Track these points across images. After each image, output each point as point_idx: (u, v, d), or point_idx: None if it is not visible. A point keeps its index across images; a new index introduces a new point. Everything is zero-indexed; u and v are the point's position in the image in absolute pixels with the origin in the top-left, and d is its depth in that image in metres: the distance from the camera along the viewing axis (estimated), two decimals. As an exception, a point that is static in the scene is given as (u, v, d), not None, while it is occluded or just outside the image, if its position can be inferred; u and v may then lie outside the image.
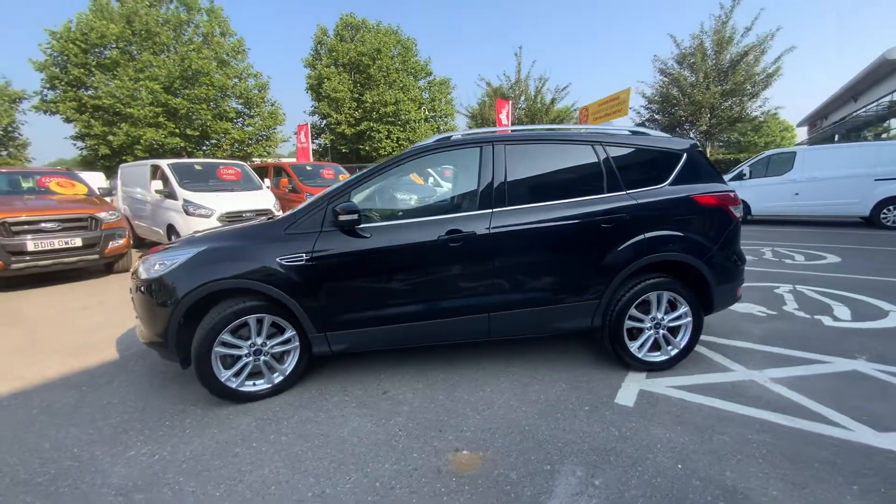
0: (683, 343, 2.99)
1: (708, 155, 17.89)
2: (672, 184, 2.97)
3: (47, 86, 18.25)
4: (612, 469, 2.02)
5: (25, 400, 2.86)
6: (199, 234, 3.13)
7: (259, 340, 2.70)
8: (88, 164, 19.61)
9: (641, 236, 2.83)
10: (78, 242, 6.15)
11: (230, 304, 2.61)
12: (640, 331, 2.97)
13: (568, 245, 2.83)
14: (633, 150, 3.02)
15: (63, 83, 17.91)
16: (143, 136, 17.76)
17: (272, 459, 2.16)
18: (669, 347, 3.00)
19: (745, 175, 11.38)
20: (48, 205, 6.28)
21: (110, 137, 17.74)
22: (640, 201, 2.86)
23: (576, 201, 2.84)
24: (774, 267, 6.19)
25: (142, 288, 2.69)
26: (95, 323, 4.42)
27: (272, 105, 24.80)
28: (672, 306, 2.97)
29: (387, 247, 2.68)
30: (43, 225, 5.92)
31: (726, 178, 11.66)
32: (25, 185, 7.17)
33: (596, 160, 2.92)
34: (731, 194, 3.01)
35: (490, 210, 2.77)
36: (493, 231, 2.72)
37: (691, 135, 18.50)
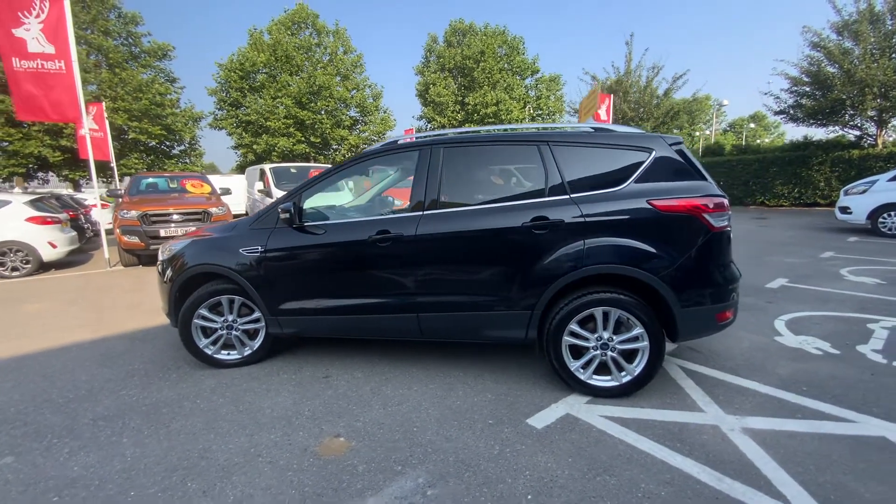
0: (638, 370, 2.60)
1: (882, 145, 13.95)
2: (632, 186, 2.59)
3: (217, 107, 23.20)
4: (457, 484, 1.94)
5: (99, 343, 3.90)
6: (208, 227, 3.81)
7: (231, 317, 3.22)
8: (242, 168, 24.31)
9: (580, 245, 2.55)
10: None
11: (209, 286, 3.18)
12: (587, 349, 2.68)
13: (495, 251, 2.70)
14: (588, 149, 2.72)
15: (226, 104, 22.58)
16: (277, 144, 21.33)
17: (201, 415, 2.61)
18: (622, 373, 2.64)
19: (917, 173, 8.63)
20: (176, 201, 8.14)
21: (255, 146, 21.75)
22: (582, 206, 2.58)
23: (507, 206, 2.70)
24: (901, 295, 4.68)
25: (158, 268, 3.45)
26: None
27: (384, 112, 27.23)
28: (626, 326, 2.61)
29: (322, 243, 2.94)
30: (171, 217, 7.72)
31: (888, 175, 9.01)
32: (172, 185, 9.39)
33: (539, 161, 2.72)
34: (708, 202, 2.49)
35: (420, 213, 2.81)
36: (419, 234, 2.76)
37: (856, 121, 14.60)
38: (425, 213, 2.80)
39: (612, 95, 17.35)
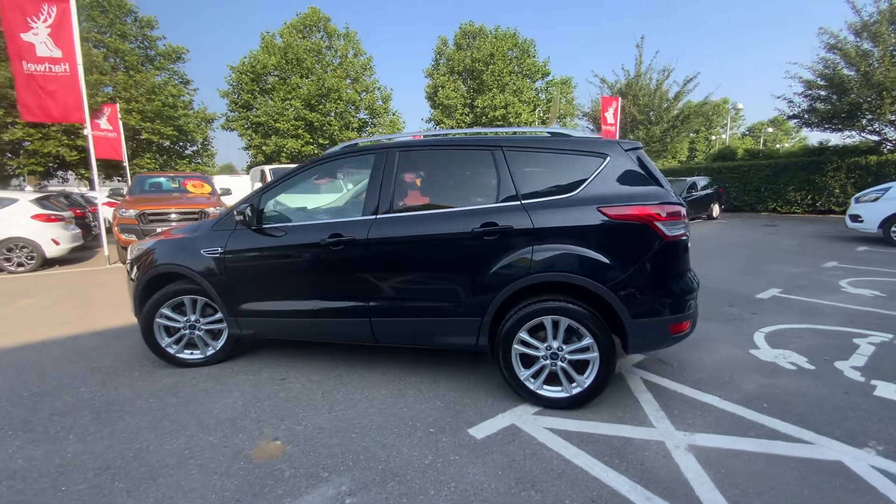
0: (588, 382, 2.53)
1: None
2: (584, 193, 2.53)
3: (229, 109, 23.68)
4: (378, 493, 1.91)
5: (76, 339, 3.99)
6: (177, 227, 3.86)
7: (193, 317, 3.25)
8: (252, 168, 24.78)
9: (529, 252, 2.50)
10: (190, 230, 8.00)
11: (173, 285, 3.22)
12: (537, 359, 2.62)
13: (446, 257, 2.67)
14: (541, 154, 2.67)
15: (238, 106, 23.01)
16: (286, 145, 21.64)
17: (149, 414, 2.63)
18: (572, 384, 2.57)
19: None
20: (175, 201, 8.31)
21: (264, 147, 22.12)
22: (531, 213, 2.52)
23: (458, 211, 2.66)
24: (897, 309, 4.47)
25: (127, 267, 3.51)
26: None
27: (393, 115, 27.39)
28: (577, 336, 2.54)
29: (277, 245, 2.95)
30: (168, 216, 7.87)
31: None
32: (173, 185, 9.59)
33: (492, 166, 2.68)
34: (661, 210, 2.41)
35: (373, 217, 2.79)
36: (371, 238, 2.75)
37: (874, 126, 14.07)
38: (378, 216, 2.78)
39: (619, 98, 17.15)
